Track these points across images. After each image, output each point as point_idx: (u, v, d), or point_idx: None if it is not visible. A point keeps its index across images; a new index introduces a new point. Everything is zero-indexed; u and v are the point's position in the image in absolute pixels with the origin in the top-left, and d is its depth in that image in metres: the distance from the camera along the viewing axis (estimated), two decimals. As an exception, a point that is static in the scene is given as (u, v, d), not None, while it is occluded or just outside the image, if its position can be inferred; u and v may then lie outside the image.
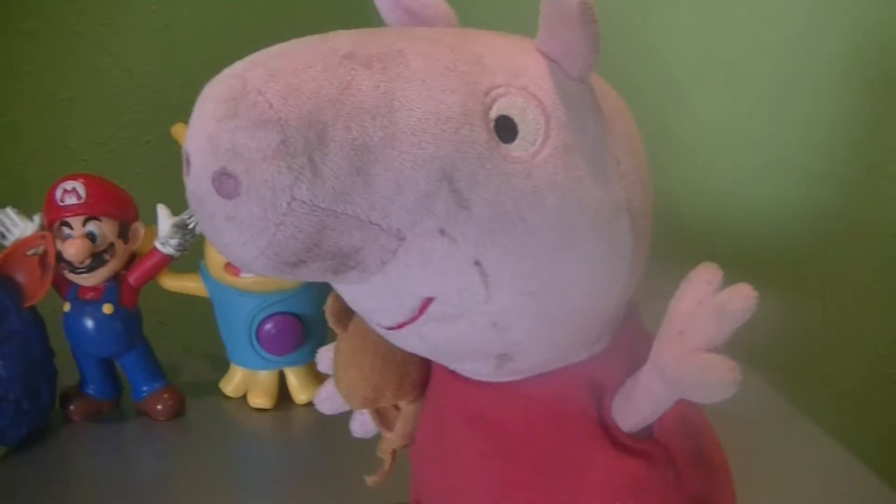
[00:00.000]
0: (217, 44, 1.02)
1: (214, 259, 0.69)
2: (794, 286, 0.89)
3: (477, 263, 0.34)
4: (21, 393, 0.64)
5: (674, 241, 0.41)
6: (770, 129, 0.87)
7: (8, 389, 0.63)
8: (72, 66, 0.95)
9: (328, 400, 0.49)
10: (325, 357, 0.49)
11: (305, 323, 0.71)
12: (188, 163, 0.33)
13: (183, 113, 0.39)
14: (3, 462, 0.63)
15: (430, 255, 0.34)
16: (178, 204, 0.65)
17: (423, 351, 0.40)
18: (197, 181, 0.32)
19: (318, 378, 0.70)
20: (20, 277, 0.65)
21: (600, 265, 0.37)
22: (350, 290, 0.37)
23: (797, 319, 0.86)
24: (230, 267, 0.68)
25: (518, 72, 0.35)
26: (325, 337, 0.71)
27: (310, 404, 0.71)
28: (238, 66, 0.33)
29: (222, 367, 0.75)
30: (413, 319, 0.36)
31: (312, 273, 0.34)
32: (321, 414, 0.63)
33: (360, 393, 0.44)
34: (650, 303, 0.42)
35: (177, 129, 0.70)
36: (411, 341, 0.39)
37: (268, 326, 0.70)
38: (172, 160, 0.65)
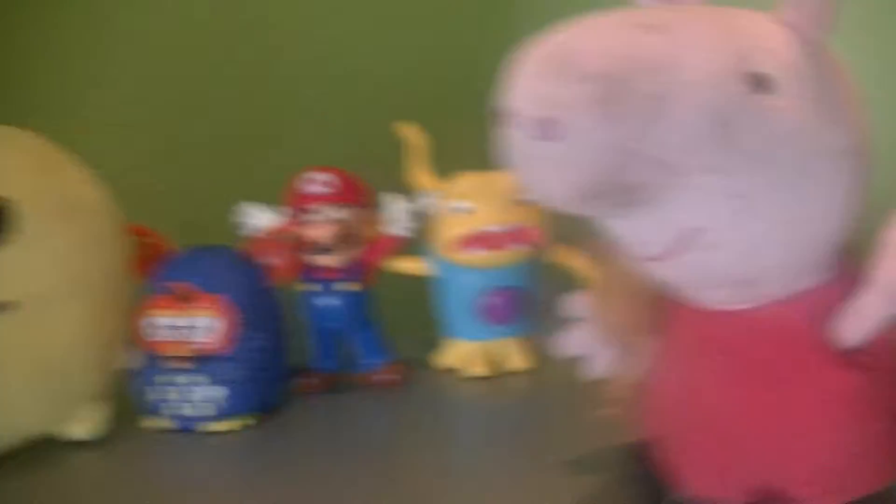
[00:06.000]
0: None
1: (443, 238, 0.70)
2: None
3: (740, 196, 0.37)
4: (277, 364, 0.65)
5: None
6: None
7: (271, 361, 0.64)
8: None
9: (576, 343, 0.49)
10: (579, 302, 0.49)
11: (524, 296, 0.71)
12: (515, 115, 0.36)
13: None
14: (258, 427, 0.64)
15: (700, 189, 0.36)
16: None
17: (677, 280, 0.42)
18: (525, 129, 0.35)
19: (533, 347, 0.72)
20: (274, 261, 0.66)
21: (833, 197, 0.39)
22: (622, 225, 0.40)
23: None
24: (459, 245, 0.69)
25: (767, 36, 0.38)
26: (540, 309, 0.71)
27: (525, 372, 0.73)
28: (555, 33, 0.36)
29: (432, 343, 0.76)
30: (677, 250, 0.39)
31: (606, 205, 0.37)
32: (536, 380, 0.71)
33: (617, 329, 0.46)
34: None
35: (405, 129, 0.73)
36: (669, 271, 0.41)
37: (492, 299, 0.70)
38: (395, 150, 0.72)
